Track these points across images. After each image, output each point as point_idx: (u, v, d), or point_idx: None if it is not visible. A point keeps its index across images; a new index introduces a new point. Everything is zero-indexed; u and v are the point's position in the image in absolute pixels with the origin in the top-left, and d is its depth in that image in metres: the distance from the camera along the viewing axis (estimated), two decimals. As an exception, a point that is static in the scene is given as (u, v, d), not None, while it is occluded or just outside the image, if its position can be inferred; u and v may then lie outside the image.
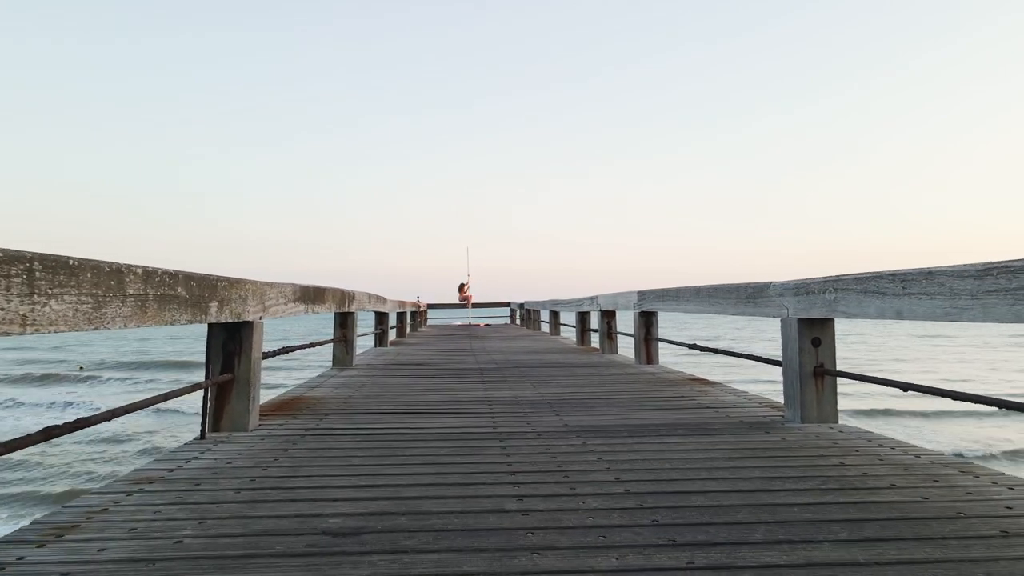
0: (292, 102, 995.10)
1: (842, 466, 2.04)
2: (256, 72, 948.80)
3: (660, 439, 2.46)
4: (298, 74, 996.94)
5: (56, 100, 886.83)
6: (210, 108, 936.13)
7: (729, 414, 3.01)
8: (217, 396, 2.63)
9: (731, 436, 2.51)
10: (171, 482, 1.88)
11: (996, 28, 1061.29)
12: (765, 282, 3.08)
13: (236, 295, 2.47)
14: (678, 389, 3.90)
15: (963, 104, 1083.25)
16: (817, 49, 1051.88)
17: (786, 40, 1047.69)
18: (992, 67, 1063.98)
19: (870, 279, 2.29)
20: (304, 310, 3.54)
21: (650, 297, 5.17)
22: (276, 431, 2.64)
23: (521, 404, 3.36)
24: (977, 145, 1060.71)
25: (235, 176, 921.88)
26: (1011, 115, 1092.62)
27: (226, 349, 2.64)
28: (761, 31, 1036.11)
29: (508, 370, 5.11)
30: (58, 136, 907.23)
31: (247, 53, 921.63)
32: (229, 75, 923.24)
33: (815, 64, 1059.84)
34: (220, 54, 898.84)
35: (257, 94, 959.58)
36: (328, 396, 3.67)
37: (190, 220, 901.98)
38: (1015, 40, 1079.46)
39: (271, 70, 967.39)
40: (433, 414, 3.09)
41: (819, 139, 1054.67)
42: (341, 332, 5.39)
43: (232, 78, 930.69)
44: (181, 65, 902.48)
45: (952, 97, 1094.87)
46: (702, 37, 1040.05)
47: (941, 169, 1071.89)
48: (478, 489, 1.81)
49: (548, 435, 2.56)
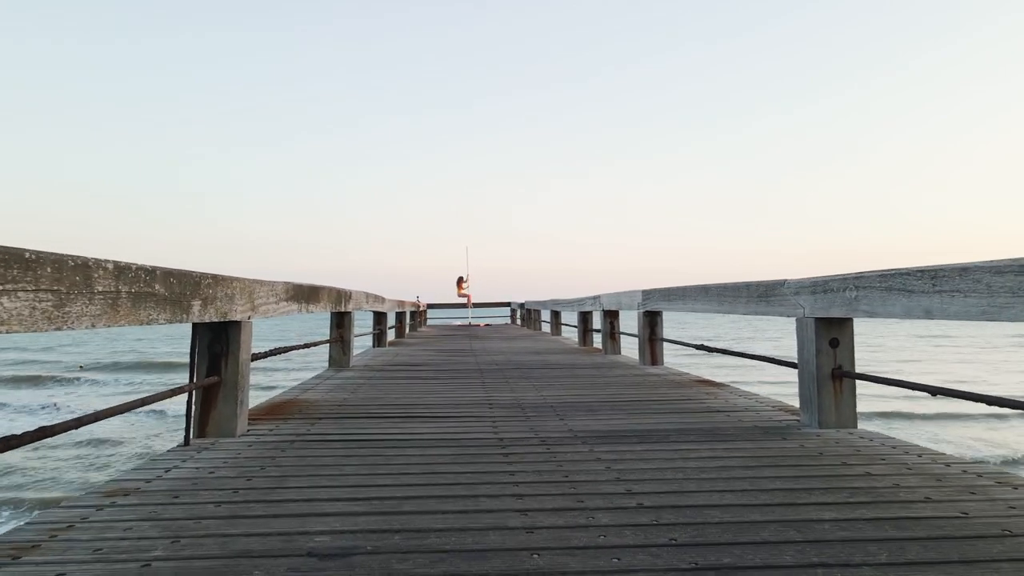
0: (292, 102, 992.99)
1: (869, 476, 1.90)
2: (256, 72, 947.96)
3: (671, 446, 2.33)
4: (298, 74, 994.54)
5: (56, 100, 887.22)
6: (210, 108, 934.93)
7: (741, 418, 2.87)
8: (203, 400, 2.49)
9: (746, 442, 2.38)
10: (147, 494, 1.74)
11: (996, 28, 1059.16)
12: (778, 280, 2.94)
13: (222, 293, 2.33)
14: (685, 391, 3.76)
15: (963, 104, 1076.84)
16: (817, 49, 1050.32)
17: (786, 40, 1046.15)
18: (992, 67, 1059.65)
19: (896, 276, 2.15)
20: (298, 309, 3.40)
21: (655, 296, 5.04)
22: (265, 437, 2.51)
23: (523, 407, 3.22)
24: (977, 145, 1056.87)
25: (235, 176, 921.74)
26: (1011, 115, 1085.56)
27: (212, 350, 2.50)
28: (761, 31, 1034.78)
29: (509, 371, 4.97)
30: (58, 136, 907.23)
31: (247, 53, 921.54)
32: (229, 75, 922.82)
33: (815, 64, 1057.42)
34: (220, 54, 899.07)
35: (257, 94, 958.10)
36: (322, 399, 3.54)
37: (190, 220, 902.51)
38: (1015, 40, 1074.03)
39: (271, 70, 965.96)
40: (431, 418, 2.95)
41: (819, 139, 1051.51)
42: (338, 332, 5.25)
43: (232, 78, 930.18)
44: (181, 65, 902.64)
45: (952, 97, 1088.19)
46: (702, 37, 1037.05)
47: (941, 169, 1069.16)
48: (479, 503, 1.67)
49: (552, 441, 2.42)
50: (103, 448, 8.56)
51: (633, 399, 3.48)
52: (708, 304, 3.85)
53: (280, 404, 3.34)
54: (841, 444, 2.33)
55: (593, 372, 4.89)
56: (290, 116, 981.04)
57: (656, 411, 3.09)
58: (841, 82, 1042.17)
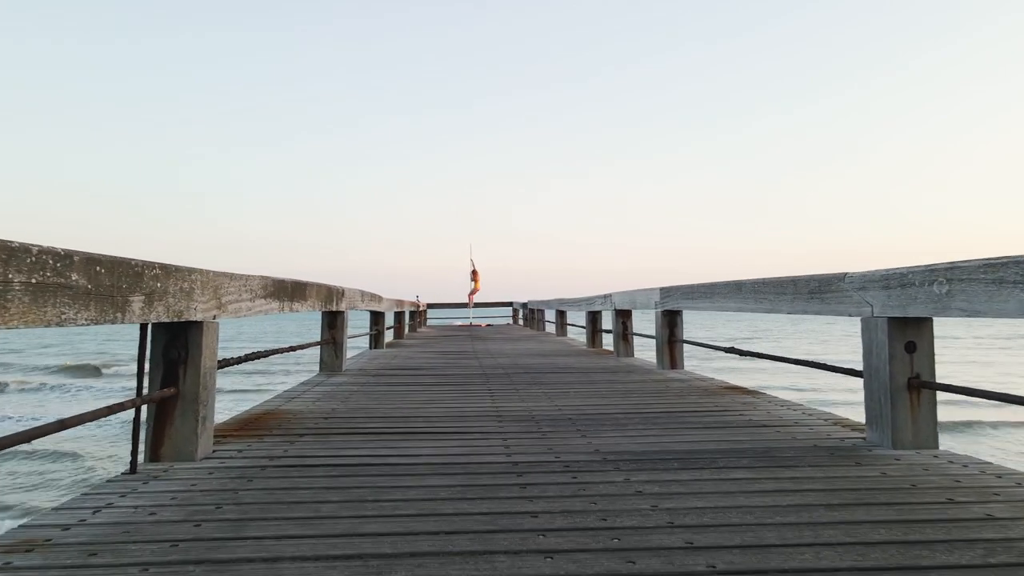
0: (292, 102, 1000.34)
1: (992, 520, 1.48)
2: (256, 72, 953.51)
3: (724, 473, 1.90)
4: (298, 74, 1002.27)
5: (56, 100, 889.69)
6: (210, 108, 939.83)
7: (795, 435, 2.45)
8: (156, 416, 2.07)
9: (813, 468, 1.95)
10: (56, 550, 1.32)
11: (996, 28, 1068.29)
12: (837, 273, 2.52)
13: (176, 288, 1.91)
14: (717, 400, 3.34)
15: (963, 104, 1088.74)
16: (817, 49, 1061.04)
17: (786, 40, 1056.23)
18: (992, 67, 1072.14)
19: (1008, 265, 1.73)
20: (279, 308, 2.98)
21: (675, 294, 4.61)
22: (232, 461, 2.09)
23: (537, 421, 2.80)
24: (977, 145, 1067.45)
25: (235, 176, 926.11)
26: (1011, 115, 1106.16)
27: (168, 356, 2.08)
28: (761, 31, 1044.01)
29: (517, 376, 4.55)
30: (58, 136, 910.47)
31: (247, 53, 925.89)
32: (229, 75, 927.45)
33: (815, 64, 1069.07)
34: (220, 54, 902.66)
35: (257, 94, 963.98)
36: (307, 410, 3.11)
37: (190, 220, 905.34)
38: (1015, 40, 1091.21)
39: (271, 70, 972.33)
40: (432, 434, 2.53)
41: (819, 139, 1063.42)
42: (329, 334, 4.83)
43: (232, 78, 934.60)
44: (181, 65, 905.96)
45: (952, 97, 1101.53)
46: (702, 37, 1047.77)
47: (941, 169, 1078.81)
48: (495, 564, 1.25)
49: (578, 467, 2.00)
50: (62, 463, 7.80)
51: (661, 410, 3.06)
52: (742, 303, 3.42)
53: (257, 417, 2.92)
54: (932, 471, 1.91)
55: (609, 377, 4.47)
56: (290, 116, 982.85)
57: (691, 425, 2.67)
58: (841, 82, 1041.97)
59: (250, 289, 2.57)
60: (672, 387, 3.89)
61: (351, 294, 5.13)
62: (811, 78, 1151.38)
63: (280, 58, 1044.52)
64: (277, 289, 2.95)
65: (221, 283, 2.26)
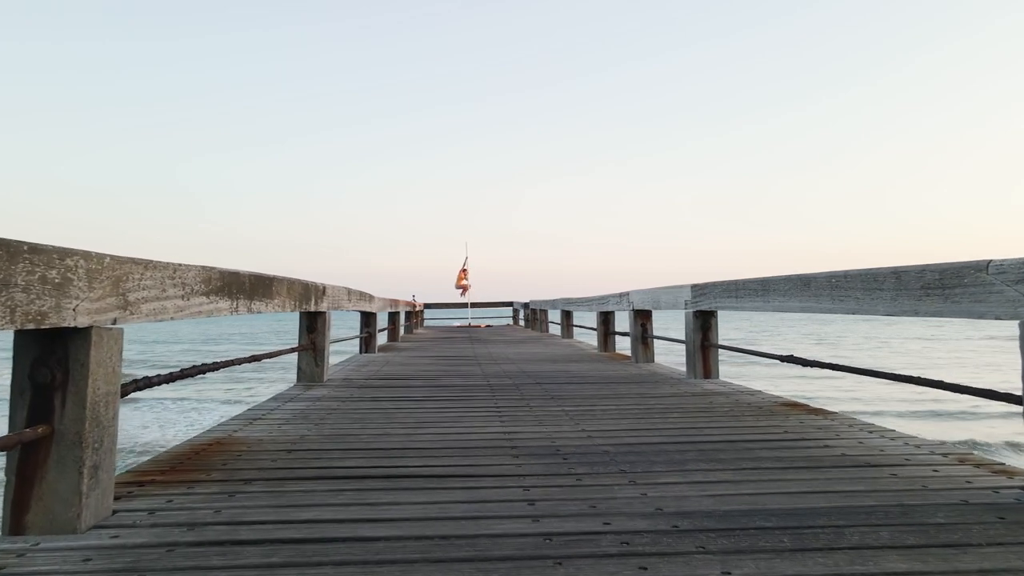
0: (292, 102, 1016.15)
1: None
2: (256, 72, 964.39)
3: (866, 559, 1.25)
4: (298, 74, 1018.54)
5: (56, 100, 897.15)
6: (210, 108, 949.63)
7: (925, 483, 1.78)
8: (19, 467, 1.41)
9: (989, 547, 1.30)
10: None
11: (992, 30, 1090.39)
12: (975, 262, 1.87)
13: (33, 277, 1.25)
14: (781, 422, 2.68)
15: (959, 105, 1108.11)
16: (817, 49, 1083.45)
17: (786, 40, 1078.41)
18: (990, 68, 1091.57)
19: None
20: (229, 308, 2.32)
21: (712, 292, 3.96)
22: (133, 531, 1.43)
23: (563, 455, 2.15)
24: (972, 146, 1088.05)
25: (233, 177, 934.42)
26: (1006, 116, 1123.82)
27: (35, 380, 1.42)
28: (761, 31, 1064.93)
29: (527, 388, 3.89)
30: (58, 136, 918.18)
31: (247, 53, 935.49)
32: (229, 75, 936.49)
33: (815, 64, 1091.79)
34: (220, 54, 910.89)
35: (257, 94, 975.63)
36: (269, 437, 2.45)
37: (189, 220, 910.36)
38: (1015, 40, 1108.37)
39: (271, 70, 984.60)
40: (426, 478, 1.87)
41: (817, 139, 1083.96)
42: (308, 338, 4.16)
43: (232, 78, 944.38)
44: (181, 65, 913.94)
45: (948, 98, 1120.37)
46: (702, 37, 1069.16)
47: (936, 170, 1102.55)
48: None
49: (642, 545, 1.34)
50: None
51: (719, 438, 2.40)
52: (811, 302, 2.77)
53: (201, 448, 2.25)
54: None
55: (635, 389, 3.81)
56: (290, 116, 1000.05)
57: (769, 463, 2.01)
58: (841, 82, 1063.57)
59: (181, 283, 1.90)
60: (717, 403, 3.23)
61: (334, 292, 4.47)
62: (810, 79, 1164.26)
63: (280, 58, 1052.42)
64: (227, 283, 2.29)
65: (127, 272, 1.60)
